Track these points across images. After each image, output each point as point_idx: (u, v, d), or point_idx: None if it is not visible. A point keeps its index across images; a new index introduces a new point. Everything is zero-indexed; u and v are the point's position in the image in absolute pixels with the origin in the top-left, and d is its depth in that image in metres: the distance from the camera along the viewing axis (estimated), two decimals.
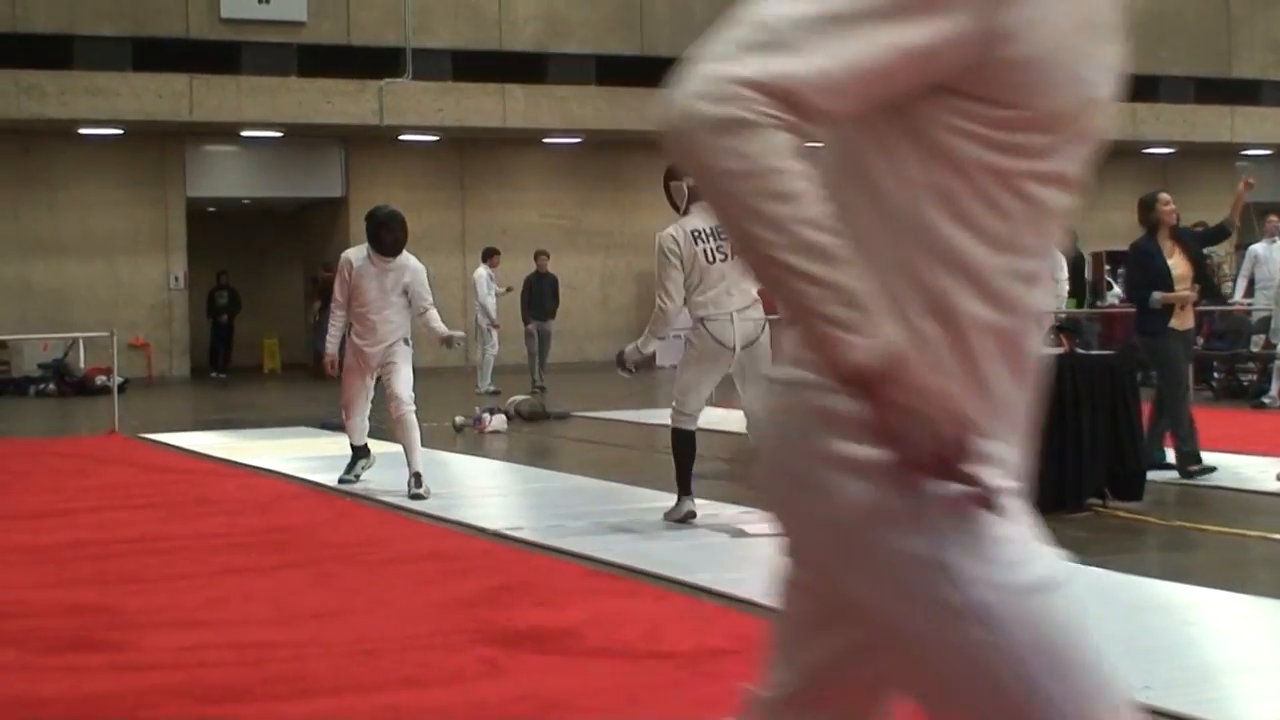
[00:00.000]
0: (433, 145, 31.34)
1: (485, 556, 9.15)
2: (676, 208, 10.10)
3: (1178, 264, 11.89)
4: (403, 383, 11.89)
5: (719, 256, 9.70)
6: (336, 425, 18.07)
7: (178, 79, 28.00)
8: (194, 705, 5.80)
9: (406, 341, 12.02)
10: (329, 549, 9.42)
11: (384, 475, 12.34)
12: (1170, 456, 11.94)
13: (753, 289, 9.69)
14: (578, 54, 31.33)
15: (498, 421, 17.18)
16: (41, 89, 27.22)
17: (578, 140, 32.00)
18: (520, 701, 5.76)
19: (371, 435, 12.59)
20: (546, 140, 31.84)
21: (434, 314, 12.11)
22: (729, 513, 10.66)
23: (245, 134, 30.03)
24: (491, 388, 22.77)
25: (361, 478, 12.41)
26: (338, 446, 15.83)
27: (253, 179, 31.47)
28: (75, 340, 25.95)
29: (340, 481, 12.35)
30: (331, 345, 12.30)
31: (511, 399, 19.08)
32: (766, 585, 7.68)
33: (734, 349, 9.65)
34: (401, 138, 30.81)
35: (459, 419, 17.00)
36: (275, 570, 8.71)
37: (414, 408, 11.88)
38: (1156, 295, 11.69)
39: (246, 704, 5.82)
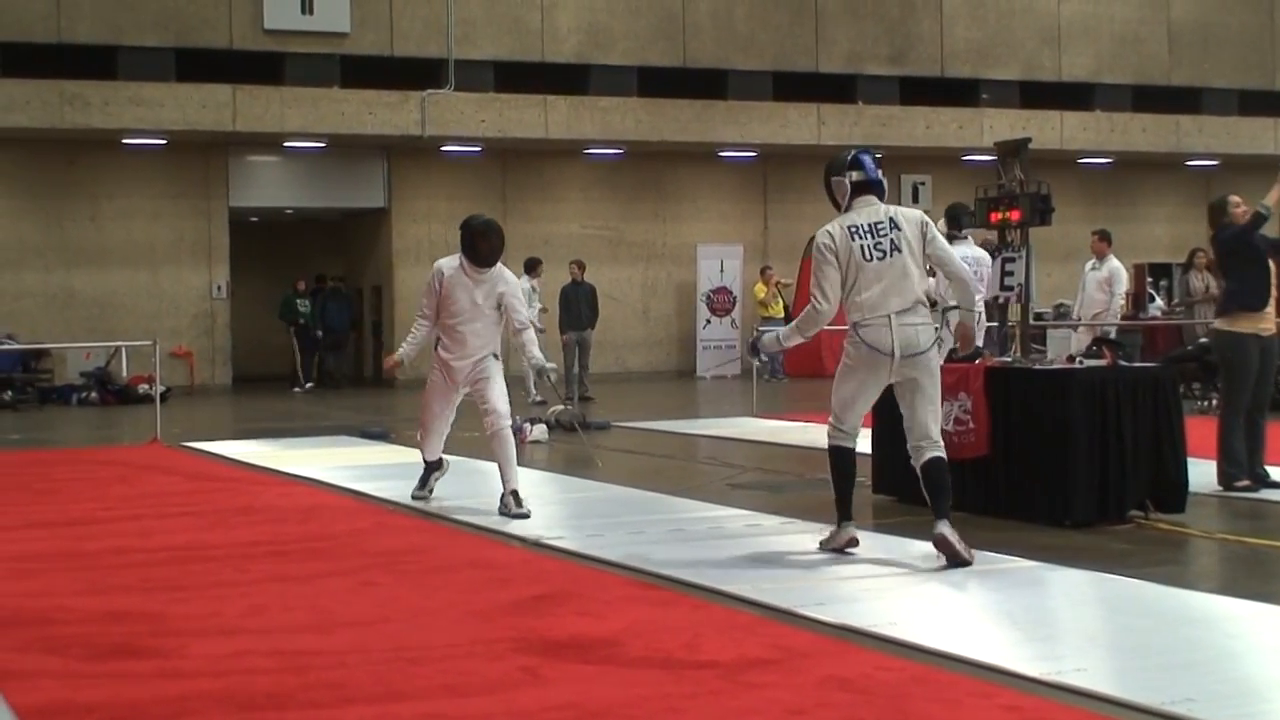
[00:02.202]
0: (475, 156, 31.40)
1: (526, 565, 9.16)
2: (838, 205, 9.20)
3: None
4: (498, 395, 11.32)
5: (876, 255, 8.90)
6: (376, 434, 18.16)
7: (221, 89, 28.11)
8: (236, 712, 5.82)
9: (496, 356, 11.46)
10: (370, 557, 9.44)
11: (456, 488, 12.27)
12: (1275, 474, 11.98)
13: (918, 290, 8.98)
14: (619, 65, 31.36)
15: (539, 431, 17.21)
16: (85, 99, 27.37)
17: (619, 151, 32.03)
18: (560, 710, 5.76)
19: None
20: (588, 151, 31.87)
21: (531, 335, 11.53)
22: (769, 523, 10.66)
23: (288, 144, 30.11)
24: (538, 398, 22.80)
25: (435, 490, 12.04)
26: (379, 455, 15.91)
27: (295, 189, 31.53)
28: (118, 349, 26.11)
29: (413, 498, 11.94)
30: (404, 351, 11.82)
31: (552, 409, 19.10)
32: (805, 596, 7.72)
33: (892, 355, 8.86)
34: (444, 149, 30.86)
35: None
36: (316, 578, 8.73)
37: (510, 421, 11.41)
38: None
39: (288, 711, 5.84)
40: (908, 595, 8.05)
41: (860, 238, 8.93)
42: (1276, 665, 6.52)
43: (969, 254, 15.92)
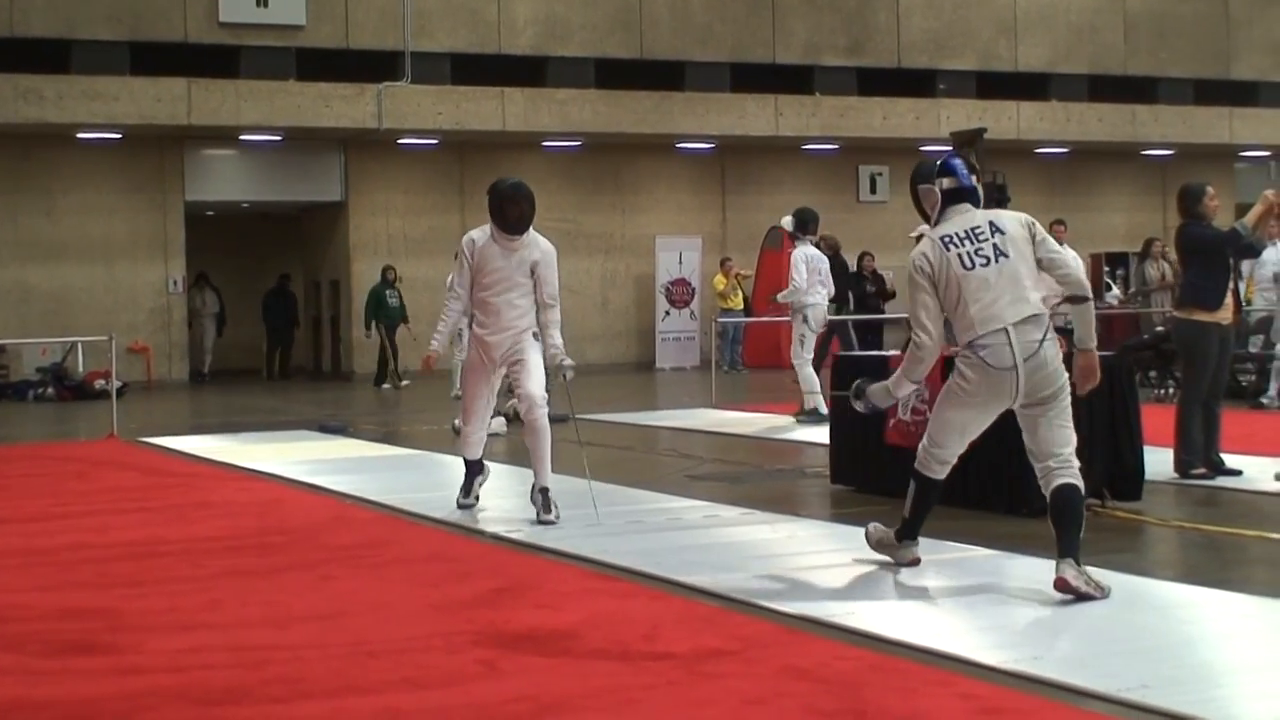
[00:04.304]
0: (432, 149, 31.33)
1: (484, 558, 9.15)
2: (927, 216, 8.22)
3: None
4: (534, 380, 10.49)
5: (979, 261, 7.81)
6: (335, 428, 18.12)
7: (176, 83, 27.97)
8: (193, 708, 5.80)
9: (536, 335, 10.62)
10: (327, 551, 9.42)
11: (415, 481, 12.22)
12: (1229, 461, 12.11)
13: (1034, 301, 7.82)
14: (577, 57, 31.32)
15: (496, 424, 17.11)
16: (39, 93, 27.19)
17: (577, 143, 32.00)
18: (518, 702, 5.76)
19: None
20: (546, 144, 31.82)
21: (556, 316, 10.62)
22: (728, 514, 10.67)
23: (244, 138, 30.01)
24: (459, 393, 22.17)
25: (480, 497, 11.16)
26: (337, 449, 15.87)
27: (251, 183, 31.42)
28: (74, 344, 25.98)
29: (459, 506, 11.00)
30: (438, 341, 10.93)
31: (511, 402, 19.05)
32: (763, 586, 7.71)
33: (1015, 369, 7.70)
34: (400, 141, 30.79)
35: (458, 421, 16.94)
36: (274, 573, 8.71)
37: (546, 410, 10.54)
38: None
39: (245, 706, 5.82)
40: (865, 585, 8.07)
41: (956, 246, 7.88)
42: (1231, 651, 6.56)
43: (810, 253, 17.41)
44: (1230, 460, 12.06)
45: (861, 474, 11.68)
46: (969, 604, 7.52)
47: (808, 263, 17.22)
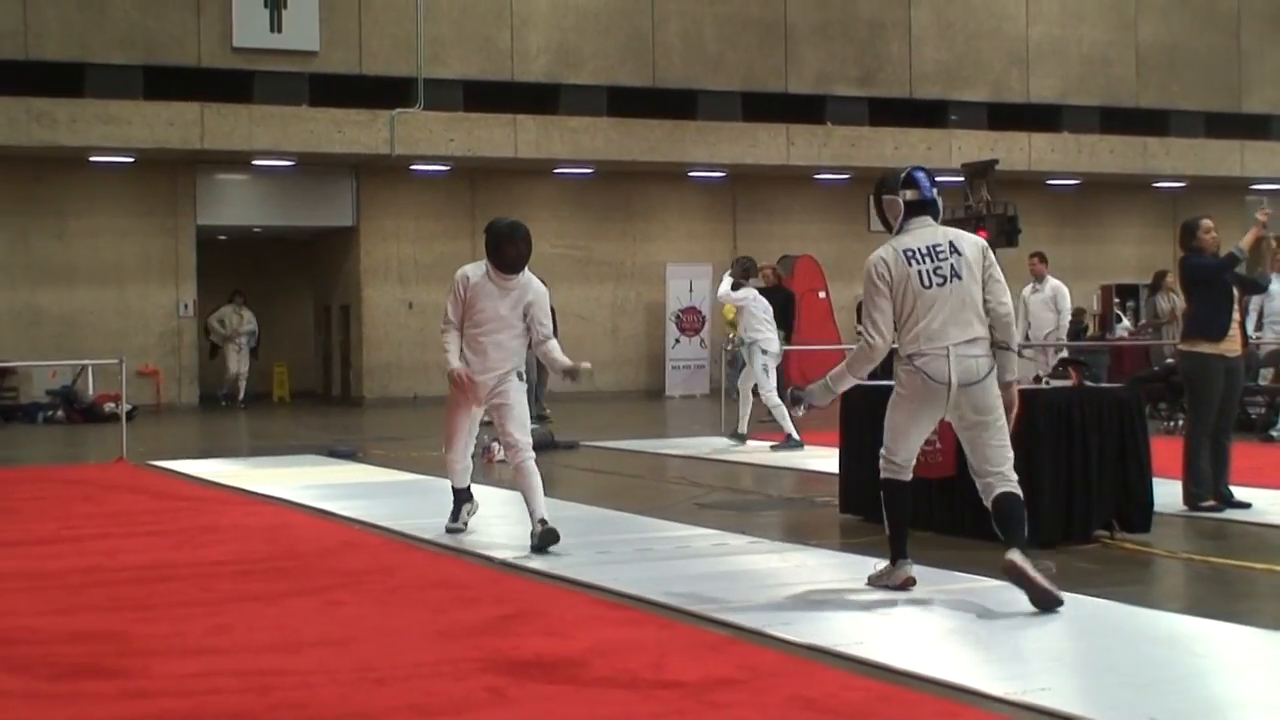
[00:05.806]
0: (444, 175, 31.37)
1: (492, 585, 9.15)
2: (889, 226, 8.51)
3: None
4: (517, 424, 10.67)
5: (936, 280, 8.21)
6: (344, 453, 18.12)
7: (189, 107, 28.04)
8: None
9: (521, 376, 10.76)
10: (336, 577, 9.41)
11: (422, 507, 12.22)
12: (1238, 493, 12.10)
13: (979, 324, 8.26)
14: (589, 85, 31.38)
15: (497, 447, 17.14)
16: (53, 117, 27.27)
17: (588, 171, 32.03)
18: None
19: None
20: (557, 171, 31.86)
21: (554, 344, 10.81)
22: (737, 542, 10.65)
23: (256, 163, 30.04)
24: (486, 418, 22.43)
25: (469, 525, 11.34)
26: (346, 474, 15.88)
27: (263, 208, 31.45)
28: (84, 367, 25.99)
29: (447, 530, 11.19)
30: (454, 359, 10.70)
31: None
32: (772, 615, 7.69)
33: (948, 385, 8.18)
34: (413, 168, 30.83)
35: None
36: (282, 598, 8.71)
37: (533, 454, 10.67)
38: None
39: None
40: (874, 615, 8.06)
41: (917, 262, 8.24)
42: (1240, 684, 6.54)
43: (756, 294, 19.01)
44: (1239, 493, 12.05)
45: (871, 503, 11.62)
46: (977, 635, 7.51)
47: (757, 302, 18.92)
